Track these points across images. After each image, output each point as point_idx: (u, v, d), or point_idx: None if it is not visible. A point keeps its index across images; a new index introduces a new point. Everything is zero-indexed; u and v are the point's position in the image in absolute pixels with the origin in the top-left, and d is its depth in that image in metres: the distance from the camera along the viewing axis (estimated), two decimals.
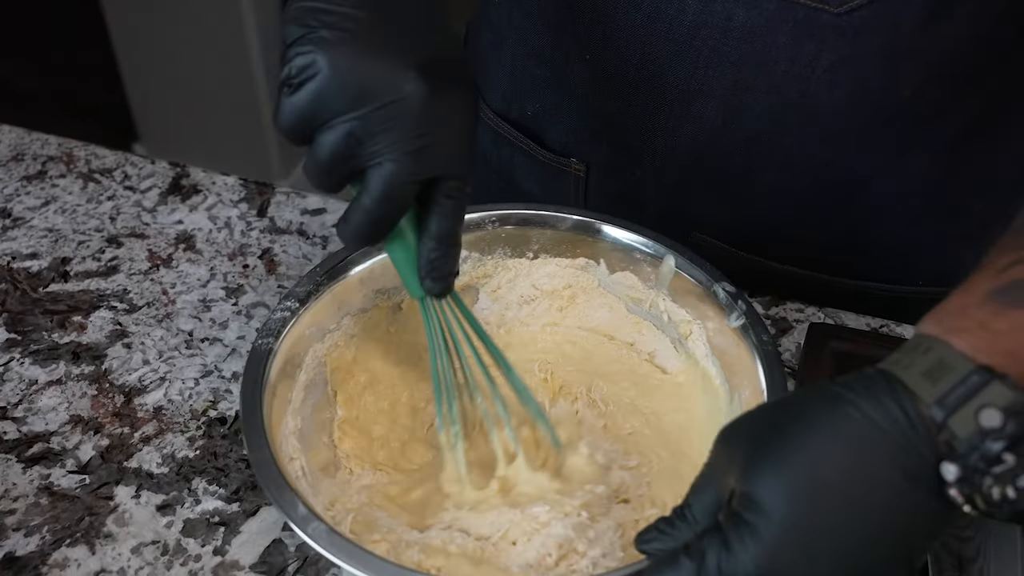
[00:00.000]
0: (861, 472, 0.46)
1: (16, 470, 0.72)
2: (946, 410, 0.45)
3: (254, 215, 0.94)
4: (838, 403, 0.48)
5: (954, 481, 0.45)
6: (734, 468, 0.49)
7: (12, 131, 1.02)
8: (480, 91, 0.91)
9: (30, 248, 0.90)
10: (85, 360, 0.80)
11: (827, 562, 0.47)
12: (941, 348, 0.47)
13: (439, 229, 0.59)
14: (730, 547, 0.47)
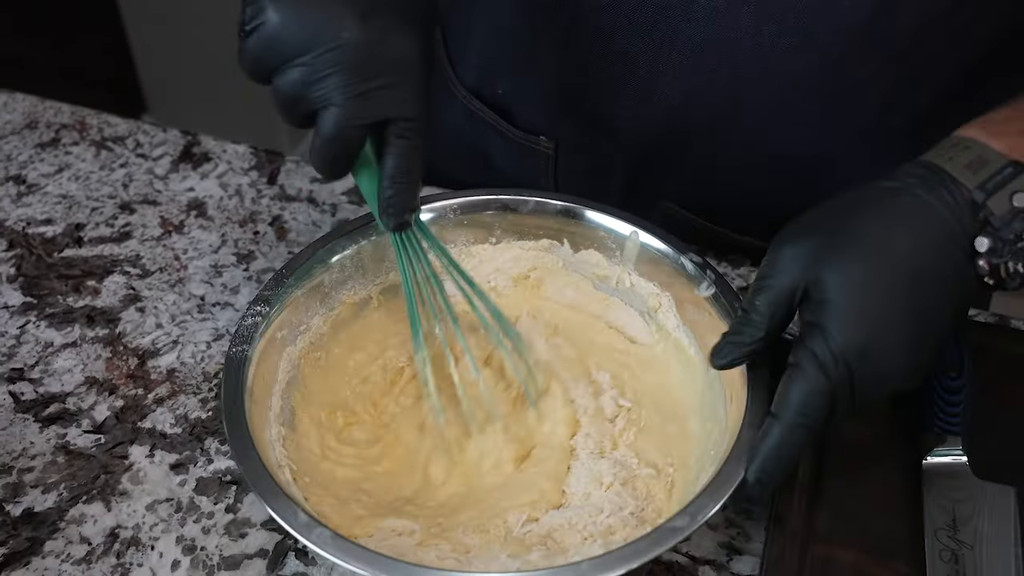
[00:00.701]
0: (923, 245, 0.57)
1: (33, 429, 0.74)
2: (986, 193, 0.56)
3: (264, 183, 0.95)
4: (896, 193, 0.58)
5: (985, 252, 0.56)
6: (805, 261, 0.58)
7: (26, 99, 1.03)
8: (454, 67, 0.93)
9: (44, 214, 0.91)
10: (99, 323, 0.82)
11: (906, 322, 0.56)
12: (980, 147, 0.58)
13: (392, 168, 0.63)
14: (830, 332, 0.56)
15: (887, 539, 0.64)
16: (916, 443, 0.68)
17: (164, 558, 0.67)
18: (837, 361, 0.56)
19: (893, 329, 0.57)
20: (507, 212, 0.78)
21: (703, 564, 0.66)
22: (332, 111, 0.59)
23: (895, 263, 0.57)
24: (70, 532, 0.68)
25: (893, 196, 0.58)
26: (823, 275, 0.57)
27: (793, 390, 0.57)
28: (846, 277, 0.57)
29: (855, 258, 0.57)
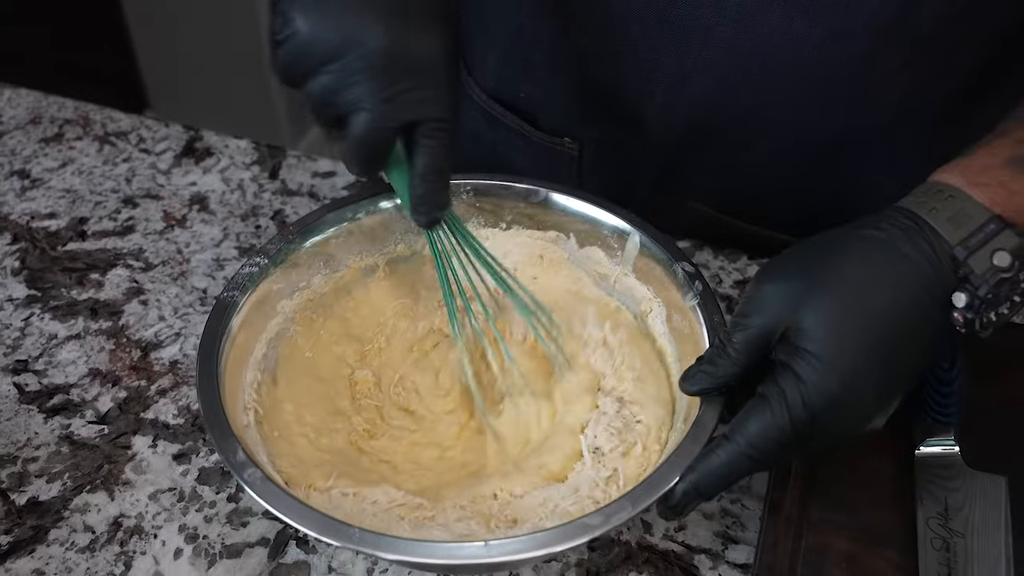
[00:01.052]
0: (901, 300, 0.57)
1: (38, 420, 0.75)
2: (968, 251, 0.57)
3: (266, 177, 0.96)
4: (879, 244, 0.58)
5: (962, 307, 0.57)
6: (785, 304, 0.58)
7: (30, 94, 1.04)
8: (471, 72, 0.94)
9: (48, 208, 0.92)
10: (103, 316, 0.83)
11: (878, 377, 0.57)
12: (962, 198, 0.58)
13: (423, 167, 0.65)
14: (803, 378, 0.56)
15: (880, 528, 0.65)
16: (909, 433, 0.69)
17: (167, 546, 0.68)
18: (805, 406, 0.56)
19: (863, 383, 0.57)
20: (519, 200, 0.79)
21: (699, 553, 0.67)
22: (362, 115, 0.61)
23: (872, 316, 0.57)
24: (74, 521, 0.69)
25: (876, 246, 0.59)
26: (802, 322, 0.57)
27: (754, 421, 0.57)
28: (824, 328, 0.57)
29: (834, 309, 0.57)
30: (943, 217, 0.58)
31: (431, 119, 0.63)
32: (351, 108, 0.61)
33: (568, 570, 0.66)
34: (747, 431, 0.57)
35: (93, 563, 0.66)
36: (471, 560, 0.55)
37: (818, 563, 0.63)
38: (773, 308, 0.59)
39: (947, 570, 0.61)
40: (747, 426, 0.57)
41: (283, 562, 0.67)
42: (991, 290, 0.57)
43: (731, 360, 0.60)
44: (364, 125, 0.61)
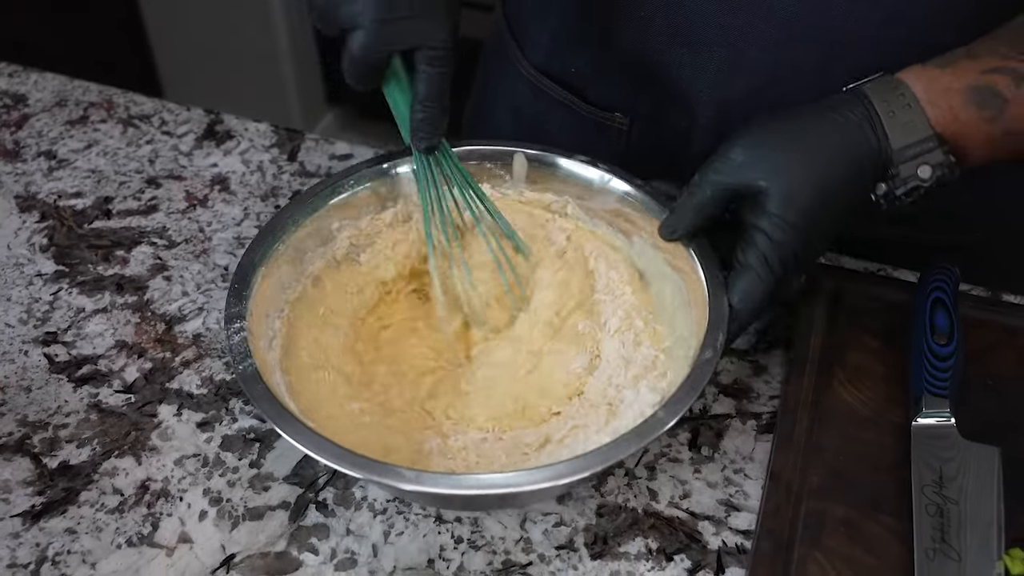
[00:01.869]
0: (847, 175, 0.69)
1: (67, 389, 0.78)
2: (902, 158, 0.68)
3: (285, 159, 0.99)
4: (839, 128, 0.68)
5: (880, 195, 0.70)
6: (755, 170, 0.68)
7: (55, 78, 1.07)
8: (521, 47, 0.96)
9: (75, 188, 0.95)
10: (128, 291, 0.86)
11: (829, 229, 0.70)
12: (917, 111, 0.68)
13: (422, 93, 0.69)
14: (774, 239, 0.67)
15: (877, 495, 0.67)
16: (906, 406, 0.72)
17: (192, 508, 0.70)
18: (781, 262, 0.68)
19: (818, 237, 0.70)
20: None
21: (703, 519, 0.70)
22: (359, 34, 0.65)
23: (825, 187, 0.68)
24: (103, 484, 0.72)
25: (836, 130, 0.68)
26: (776, 190, 0.67)
27: (750, 285, 0.68)
28: (799, 200, 0.67)
29: (798, 181, 0.67)
30: (896, 121, 0.68)
31: (429, 46, 0.66)
32: (350, 24, 0.64)
33: (576, 534, 0.69)
34: (746, 293, 0.68)
35: (122, 523, 0.69)
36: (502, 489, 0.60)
37: (817, 528, 0.66)
38: (745, 171, 0.68)
39: (940, 535, 0.64)
40: (745, 288, 0.68)
41: (303, 524, 0.70)
42: (907, 192, 0.68)
43: (702, 208, 0.71)
44: (360, 44, 0.65)
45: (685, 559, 0.68)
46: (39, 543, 0.68)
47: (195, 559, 0.68)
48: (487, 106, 1.05)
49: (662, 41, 0.82)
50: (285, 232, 0.75)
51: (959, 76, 0.68)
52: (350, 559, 0.68)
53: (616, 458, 0.60)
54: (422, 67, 0.67)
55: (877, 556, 0.64)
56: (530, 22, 0.95)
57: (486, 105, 1.05)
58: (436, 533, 0.69)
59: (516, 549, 0.68)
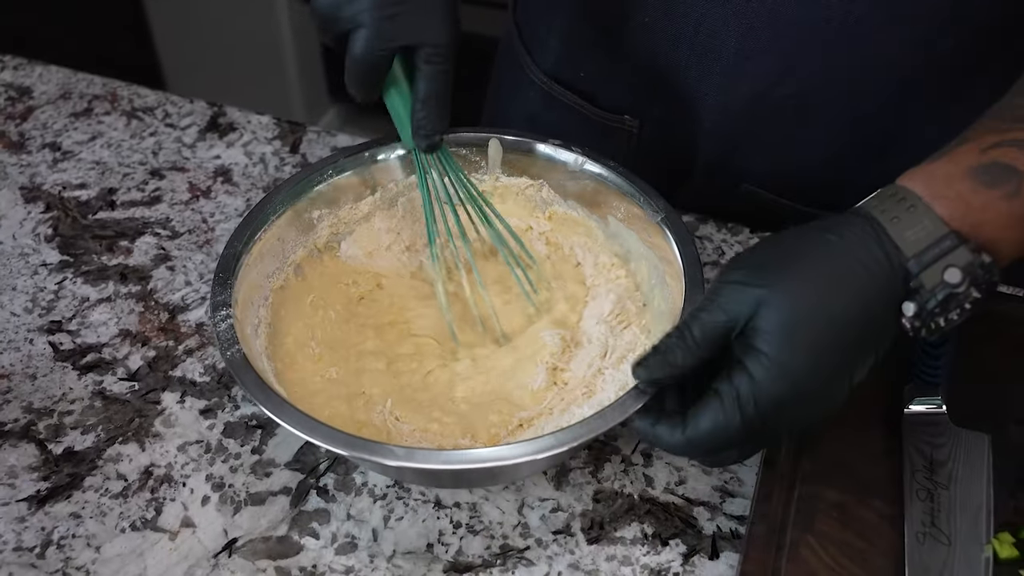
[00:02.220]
0: (854, 306, 0.58)
1: (72, 376, 0.79)
2: (921, 265, 0.58)
3: (287, 151, 1.00)
4: (838, 250, 0.59)
5: (911, 315, 0.58)
6: (745, 303, 0.59)
7: (60, 71, 1.08)
8: (531, 53, 0.97)
9: (79, 179, 0.96)
10: (132, 280, 0.87)
11: (827, 379, 0.59)
12: (923, 210, 0.58)
13: (422, 92, 0.69)
14: (756, 378, 0.58)
15: (868, 480, 0.68)
16: (899, 394, 0.73)
17: (195, 493, 0.72)
18: (756, 406, 0.58)
19: (812, 386, 0.58)
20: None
21: (698, 505, 0.71)
22: (361, 32, 0.66)
23: (825, 322, 0.58)
24: (108, 469, 0.73)
25: (836, 253, 0.59)
26: (759, 323, 0.58)
27: (706, 418, 0.59)
28: (780, 331, 0.58)
29: (790, 314, 0.58)
30: (902, 227, 0.58)
31: (430, 44, 0.67)
32: (352, 24, 0.65)
33: (573, 520, 0.70)
34: (699, 427, 0.59)
35: (126, 508, 0.71)
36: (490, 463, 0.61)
37: (809, 512, 0.67)
38: (733, 306, 0.59)
39: (931, 519, 0.65)
40: (700, 422, 0.59)
41: (304, 509, 0.71)
42: (939, 304, 0.57)
43: (689, 352, 0.60)
44: (363, 42, 0.65)
45: (680, 544, 0.69)
46: (44, 527, 0.69)
47: (198, 543, 0.69)
48: (502, 114, 1.07)
49: (666, 46, 0.83)
50: (266, 221, 0.76)
51: (957, 161, 0.60)
52: (350, 543, 0.69)
53: (601, 430, 0.62)
54: (422, 65, 0.68)
55: (868, 540, 0.65)
56: (539, 28, 0.96)
57: (501, 112, 1.07)
58: (435, 518, 0.70)
59: (514, 534, 0.69)
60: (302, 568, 0.67)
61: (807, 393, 0.58)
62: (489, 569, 0.67)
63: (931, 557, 0.63)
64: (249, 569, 0.67)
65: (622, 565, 0.68)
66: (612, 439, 0.75)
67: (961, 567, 0.62)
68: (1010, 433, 0.70)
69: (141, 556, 0.68)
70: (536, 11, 0.96)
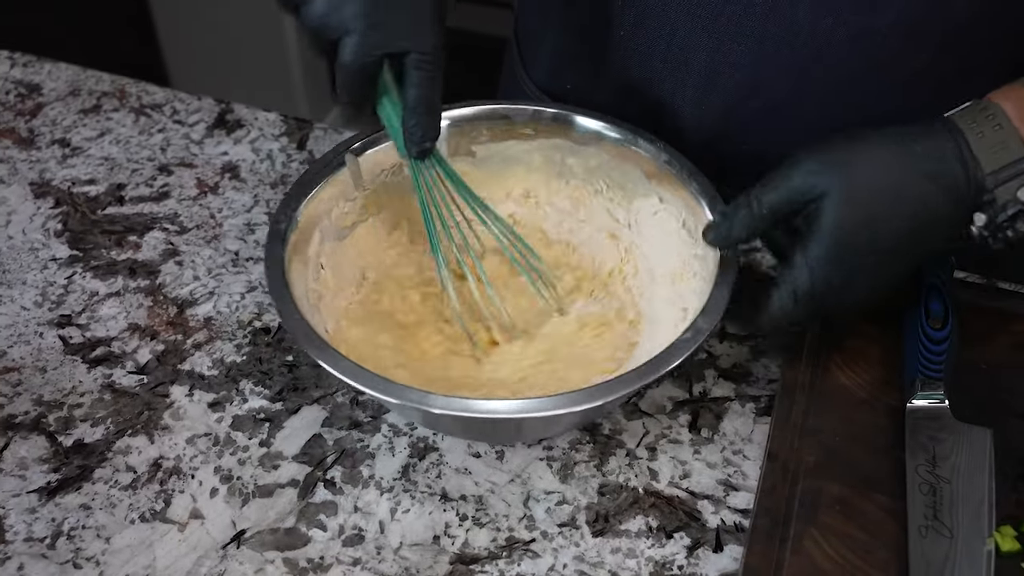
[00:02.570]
0: (920, 212, 0.64)
1: (81, 370, 0.80)
2: (997, 181, 0.63)
3: (294, 148, 1.00)
4: (917, 157, 0.65)
5: (980, 226, 0.65)
6: (817, 184, 0.65)
7: (69, 68, 1.09)
8: (525, 66, 0.99)
9: (88, 175, 0.97)
10: (141, 275, 0.88)
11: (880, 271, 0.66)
12: (1010, 130, 0.64)
13: (411, 99, 0.70)
14: (812, 256, 0.65)
15: (871, 474, 0.69)
16: (901, 388, 0.73)
17: (203, 486, 0.72)
18: (811, 281, 0.65)
19: (860, 274, 0.65)
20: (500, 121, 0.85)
21: (702, 499, 0.72)
22: (350, 40, 0.66)
23: (885, 220, 0.64)
24: (117, 461, 0.74)
25: (914, 159, 0.65)
26: (824, 207, 0.64)
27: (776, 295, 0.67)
28: (842, 220, 0.64)
29: (855, 205, 0.64)
30: (985, 144, 0.63)
31: (418, 50, 0.67)
32: (341, 32, 0.66)
33: (578, 512, 0.71)
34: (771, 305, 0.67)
35: (135, 499, 0.71)
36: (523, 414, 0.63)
37: (812, 506, 0.67)
38: (804, 182, 0.65)
39: (933, 512, 0.65)
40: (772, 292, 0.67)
41: (312, 501, 0.71)
42: (1008, 219, 0.63)
43: (753, 217, 0.68)
44: (352, 49, 0.66)
45: (685, 536, 0.69)
46: (55, 518, 0.70)
47: (206, 534, 0.69)
48: None
49: (640, 59, 0.85)
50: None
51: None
52: (357, 535, 0.70)
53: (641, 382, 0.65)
54: (411, 72, 0.68)
55: (871, 533, 0.66)
56: (532, 43, 0.98)
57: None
58: (441, 511, 0.71)
59: (520, 526, 0.70)
60: (310, 559, 0.68)
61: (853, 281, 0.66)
62: (495, 561, 0.68)
63: (933, 550, 0.64)
64: (257, 560, 0.68)
65: (627, 558, 0.68)
66: (617, 433, 0.75)
67: (963, 560, 0.63)
68: (1012, 427, 0.71)
69: (150, 547, 0.69)
70: (530, 27, 0.99)
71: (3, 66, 1.10)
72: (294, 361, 0.81)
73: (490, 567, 0.68)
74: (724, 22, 0.78)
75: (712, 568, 0.68)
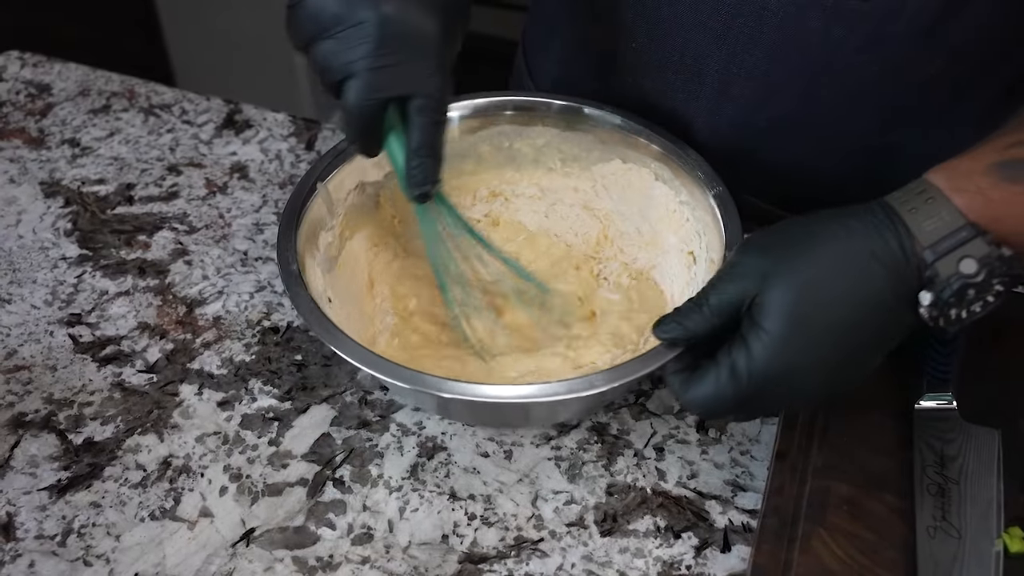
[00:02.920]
0: (862, 292, 0.60)
1: (91, 368, 0.80)
2: (936, 255, 0.59)
3: (303, 148, 1.01)
4: (854, 236, 0.60)
5: (927, 305, 0.59)
6: (756, 278, 0.61)
7: (79, 68, 1.10)
8: (531, 74, 0.99)
9: (98, 174, 0.98)
10: (150, 274, 0.88)
11: (827, 365, 0.60)
12: (942, 202, 0.59)
13: (414, 142, 0.69)
14: (754, 354, 0.60)
15: (879, 474, 0.69)
16: (909, 389, 0.73)
17: (213, 484, 0.73)
18: (749, 379, 0.60)
19: (807, 368, 0.60)
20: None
21: (710, 499, 0.72)
22: (354, 82, 0.66)
23: (829, 305, 0.60)
24: (127, 460, 0.74)
25: (851, 239, 0.60)
26: (764, 299, 0.60)
27: (704, 384, 0.62)
28: (782, 309, 0.59)
29: (794, 294, 0.60)
30: (920, 217, 0.59)
31: (422, 94, 0.67)
32: (346, 73, 0.65)
33: (586, 512, 0.71)
34: (697, 391, 0.62)
35: (145, 497, 0.72)
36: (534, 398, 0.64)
37: (820, 506, 0.67)
38: (745, 279, 0.62)
39: (941, 513, 0.65)
40: (698, 387, 0.62)
41: (320, 500, 0.72)
42: (954, 293, 0.58)
43: (703, 318, 0.63)
44: (355, 92, 0.66)
45: (692, 536, 0.70)
46: (65, 516, 0.71)
47: (216, 532, 0.70)
48: None
49: (655, 69, 0.85)
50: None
51: (979, 158, 0.61)
52: (366, 534, 0.70)
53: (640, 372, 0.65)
54: (415, 116, 0.68)
55: (879, 533, 0.66)
56: (539, 51, 0.98)
57: None
58: (450, 510, 0.71)
59: (528, 526, 0.70)
60: (319, 558, 0.68)
61: (800, 375, 0.60)
62: (504, 560, 0.68)
63: (941, 551, 0.64)
64: (266, 559, 0.68)
65: (635, 557, 0.68)
66: (625, 433, 0.76)
67: (971, 561, 0.63)
68: (1020, 428, 0.71)
69: (160, 545, 0.69)
70: (538, 36, 0.99)
71: (13, 66, 1.11)
72: (303, 360, 0.81)
73: (499, 566, 0.68)
74: (736, 32, 0.78)
75: (720, 568, 0.68)
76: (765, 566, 0.64)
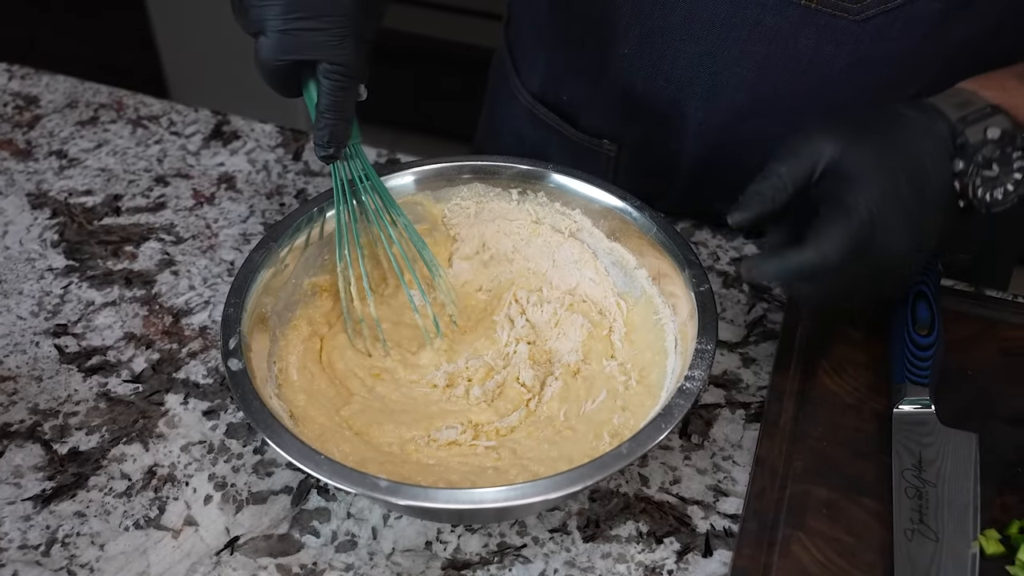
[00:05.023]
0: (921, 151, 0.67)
1: (77, 378, 0.81)
2: (965, 124, 0.67)
3: (290, 159, 1.01)
4: (907, 113, 0.68)
5: (957, 172, 0.66)
6: (830, 150, 0.66)
7: (67, 80, 1.10)
8: (519, 73, 0.99)
9: (85, 186, 0.98)
10: (137, 285, 0.88)
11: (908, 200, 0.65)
12: (969, 93, 0.69)
13: (322, 105, 0.71)
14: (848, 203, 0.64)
15: (858, 478, 0.70)
16: (888, 394, 0.74)
17: (198, 493, 0.73)
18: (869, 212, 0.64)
19: (899, 204, 0.65)
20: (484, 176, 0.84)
21: (692, 504, 0.72)
22: (265, 40, 0.68)
23: (901, 159, 0.66)
24: (112, 469, 0.74)
25: (906, 115, 0.68)
26: (845, 157, 0.65)
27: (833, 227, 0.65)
28: (864, 160, 0.65)
29: (872, 154, 0.65)
30: (949, 102, 0.68)
31: (329, 60, 0.69)
32: (258, 28, 0.68)
33: (570, 519, 0.71)
34: (828, 235, 0.64)
35: (130, 507, 0.72)
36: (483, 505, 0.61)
37: (800, 510, 0.68)
38: (821, 147, 0.66)
39: (919, 516, 0.66)
40: (828, 231, 0.64)
41: (305, 508, 0.72)
42: (983, 156, 0.65)
43: (781, 184, 0.67)
44: (265, 50, 0.68)
45: (675, 542, 0.70)
46: (49, 525, 0.71)
47: (200, 541, 0.70)
48: (493, 129, 1.09)
49: (644, 77, 0.86)
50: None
51: (1008, 72, 0.71)
52: (350, 541, 0.70)
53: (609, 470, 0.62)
54: (322, 79, 0.70)
55: (858, 536, 0.66)
56: (527, 50, 0.99)
57: (492, 128, 1.10)
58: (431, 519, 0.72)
59: (511, 532, 0.71)
60: (303, 566, 0.69)
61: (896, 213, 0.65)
62: (487, 566, 0.69)
63: (919, 553, 0.64)
64: (251, 567, 0.69)
65: (617, 563, 0.69)
66: None
67: (948, 563, 0.64)
68: (997, 432, 0.71)
69: (144, 554, 0.69)
70: (525, 33, 0.99)
71: (1, 78, 1.11)
72: None
73: (482, 573, 0.68)
74: (728, 46, 0.79)
75: (701, 572, 0.68)
76: (745, 569, 0.65)
